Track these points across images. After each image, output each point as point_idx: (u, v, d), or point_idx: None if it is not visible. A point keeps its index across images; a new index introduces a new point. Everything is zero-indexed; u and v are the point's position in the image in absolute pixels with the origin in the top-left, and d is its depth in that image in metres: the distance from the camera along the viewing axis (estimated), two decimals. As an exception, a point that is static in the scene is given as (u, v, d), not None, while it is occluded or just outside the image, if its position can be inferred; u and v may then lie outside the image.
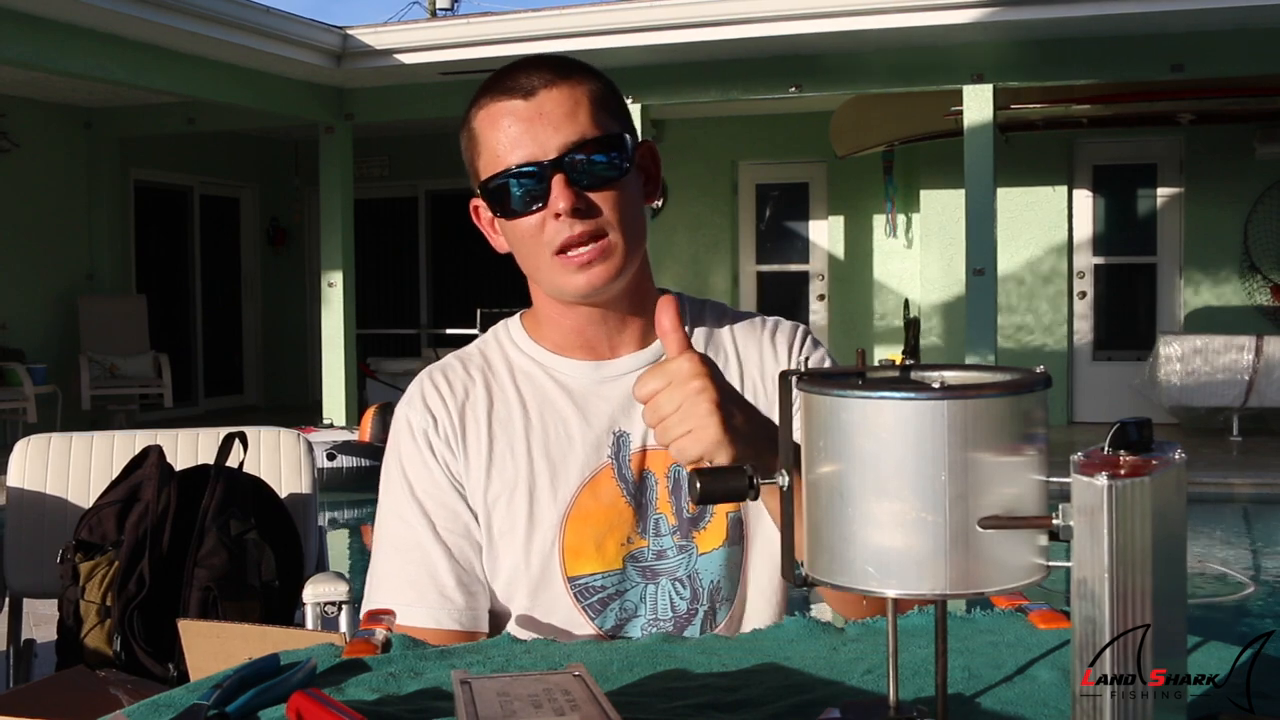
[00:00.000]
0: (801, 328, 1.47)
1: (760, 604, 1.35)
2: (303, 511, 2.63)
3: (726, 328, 1.44)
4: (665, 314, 1.10)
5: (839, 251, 12.00)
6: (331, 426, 9.66)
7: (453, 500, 1.34)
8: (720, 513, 1.35)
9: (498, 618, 1.36)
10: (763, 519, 1.35)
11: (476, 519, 1.34)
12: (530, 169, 1.27)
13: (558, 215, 1.26)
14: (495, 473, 1.34)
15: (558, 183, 1.26)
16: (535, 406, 1.36)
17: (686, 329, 1.41)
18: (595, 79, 1.32)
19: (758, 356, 1.41)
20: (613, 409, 1.36)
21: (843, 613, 1.22)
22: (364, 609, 1.34)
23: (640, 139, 1.36)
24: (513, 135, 1.28)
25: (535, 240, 1.29)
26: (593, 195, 1.27)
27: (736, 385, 1.39)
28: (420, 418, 1.37)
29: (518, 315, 1.45)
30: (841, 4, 8.28)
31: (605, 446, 1.34)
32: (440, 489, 1.35)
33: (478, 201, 1.37)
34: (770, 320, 1.45)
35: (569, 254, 1.28)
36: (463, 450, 1.35)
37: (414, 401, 1.39)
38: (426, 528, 1.34)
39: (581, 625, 1.30)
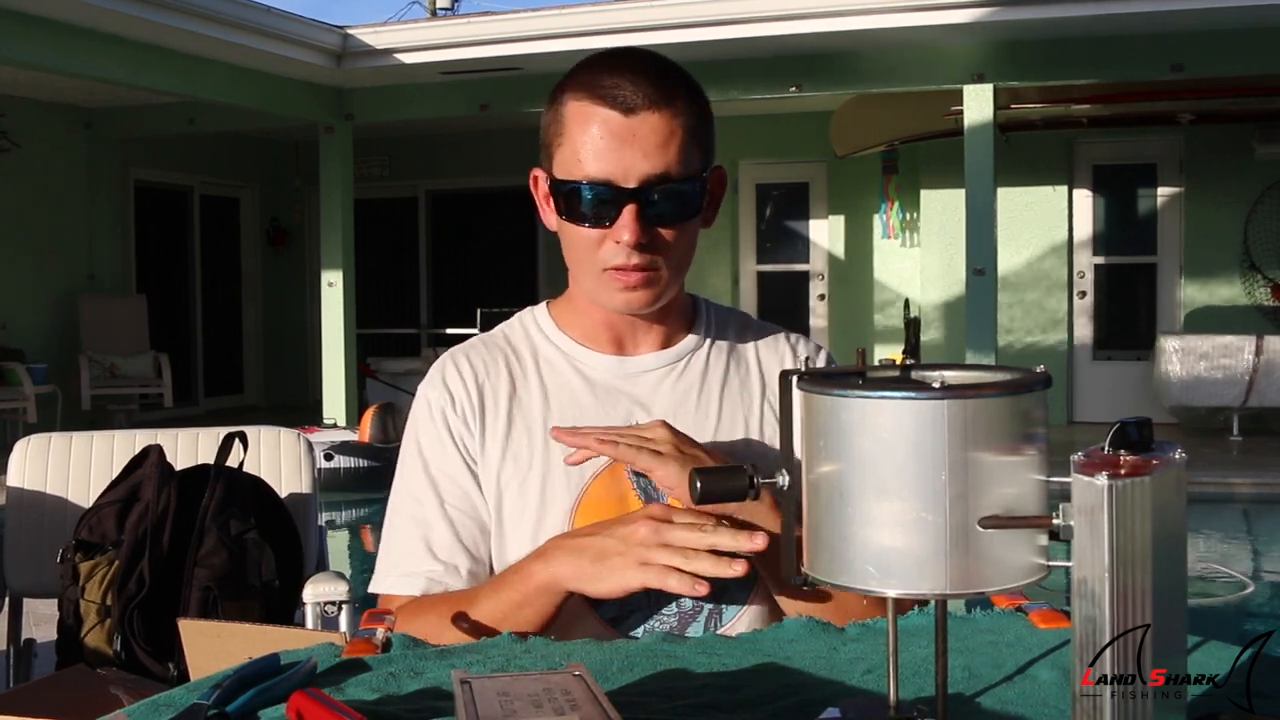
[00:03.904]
0: (824, 350, 1.50)
1: (772, 608, 1.34)
2: (303, 511, 2.63)
3: (750, 340, 1.46)
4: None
5: (839, 251, 12.00)
6: (335, 427, 9.66)
7: (465, 479, 1.36)
8: None
9: None
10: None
11: (486, 500, 1.36)
12: (607, 189, 1.27)
13: (618, 241, 1.28)
14: (510, 455, 1.36)
15: (629, 212, 1.26)
16: (556, 394, 1.38)
17: (707, 332, 1.44)
18: (694, 107, 1.31)
19: (779, 370, 1.42)
20: (631, 402, 1.38)
21: (837, 622, 1.21)
22: (372, 584, 1.37)
23: (715, 164, 1.36)
24: (599, 146, 1.27)
25: (590, 251, 1.31)
26: (659, 230, 1.29)
27: (755, 388, 1.42)
28: (439, 396, 1.39)
29: (544, 303, 1.47)
30: (841, 4, 8.28)
31: None
32: (454, 467, 1.36)
33: (539, 174, 1.37)
34: (794, 335, 1.49)
35: (619, 274, 1.30)
36: (480, 428, 1.37)
37: (434, 380, 1.41)
38: (436, 505, 1.36)
39: (583, 612, 1.30)
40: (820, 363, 1.45)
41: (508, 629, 1.19)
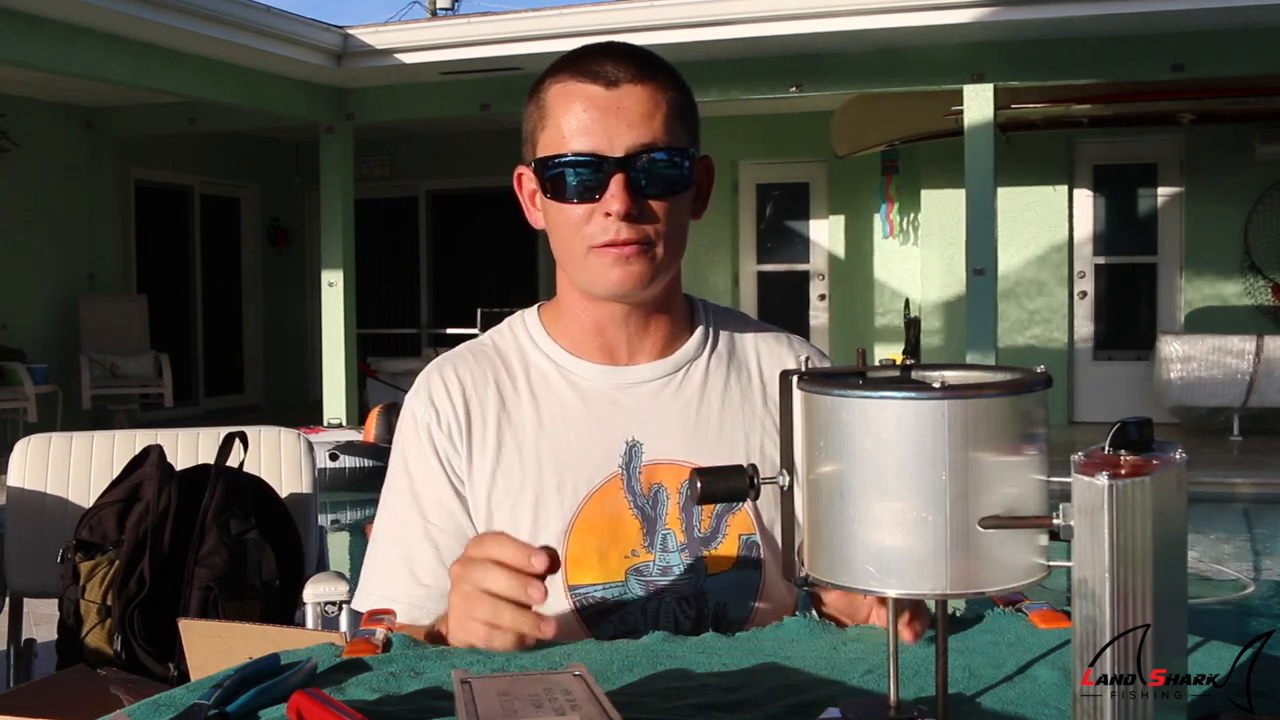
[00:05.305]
0: (825, 355, 1.47)
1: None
2: (303, 511, 2.63)
3: (750, 340, 1.42)
4: None
5: (839, 251, 12.00)
6: (341, 426, 9.66)
7: (450, 500, 1.32)
8: (733, 534, 1.32)
9: None
10: (777, 546, 1.32)
11: (473, 520, 1.32)
12: (593, 160, 1.24)
13: (608, 214, 1.24)
14: (501, 474, 1.31)
15: (617, 182, 1.23)
16: (547, 408, 1.33)
17: (707, 337, 1.40)
18: (677, 85, 1.30)
19: (777, 370, 1.41)
20: (627, 417, 1.33)
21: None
22: (355, 600, 1.34)
23: (700, 154, 1.33)
24: (584, 121, 1.25)
25: (577, 231, 1.27)
26: (649, 203, 1.26)
27: (757, 398, 1.38)
28: (424, 410, 1.34)
29: (535, 308, 1.42)
30: (841, 4, 8.27)
31: (616, 455, 1.31)
32: (439, 486, 1.32)
33: (524, 170, 1.34)
34: (794, 337, 1.45)
35: (609, 248, 1.26)
36: (466, 446, 1.32)
37: (419, 393, 1.36)
38: (419, 527, 1.32)
39: (579, 634, 1.28)
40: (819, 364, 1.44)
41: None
